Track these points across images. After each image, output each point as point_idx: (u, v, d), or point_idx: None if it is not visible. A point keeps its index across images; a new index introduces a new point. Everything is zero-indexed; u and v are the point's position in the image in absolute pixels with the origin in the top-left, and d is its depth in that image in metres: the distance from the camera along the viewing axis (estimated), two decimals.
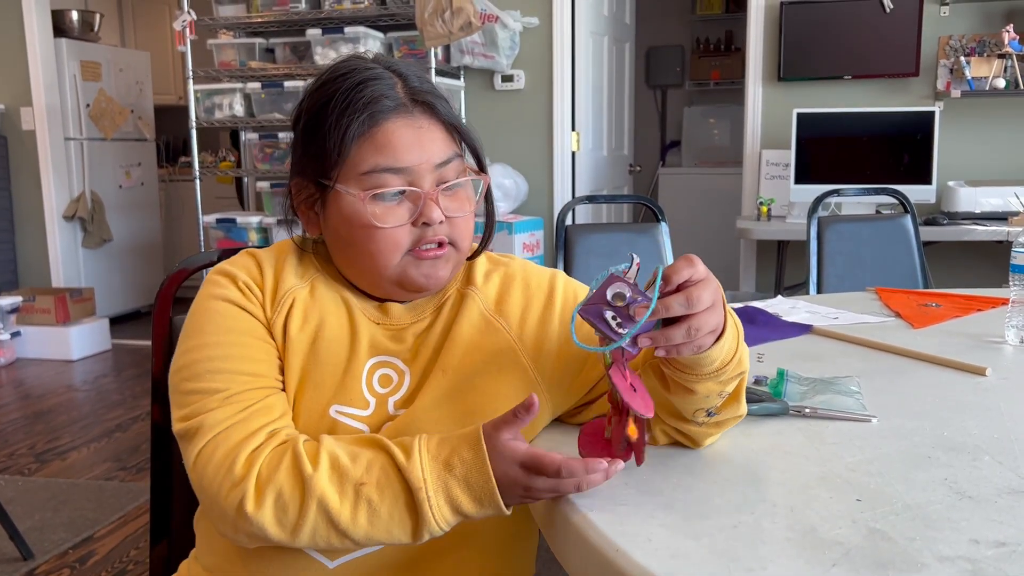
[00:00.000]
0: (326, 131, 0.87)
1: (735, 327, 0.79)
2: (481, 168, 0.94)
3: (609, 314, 0.71)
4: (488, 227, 0.98)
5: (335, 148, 0.86)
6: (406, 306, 0.94)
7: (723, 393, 0.81)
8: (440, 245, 0.89)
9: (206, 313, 0.88)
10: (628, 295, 0.71)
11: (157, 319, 1.21)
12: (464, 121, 0.93)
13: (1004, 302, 1.46)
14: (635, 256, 0.73)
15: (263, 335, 0.88)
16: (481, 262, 0.99)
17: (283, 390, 0.88)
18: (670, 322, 0.72)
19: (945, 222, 3.27)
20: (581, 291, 0.97)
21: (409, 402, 0.89)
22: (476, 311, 0.93)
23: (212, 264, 1.24)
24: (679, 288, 0.72)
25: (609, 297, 0.71)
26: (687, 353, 0.74)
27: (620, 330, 0.71)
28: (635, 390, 0.76)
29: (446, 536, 0.88)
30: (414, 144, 0.87)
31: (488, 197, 0.96)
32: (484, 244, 0.99)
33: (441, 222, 0.88)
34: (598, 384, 0.93)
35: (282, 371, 0.88)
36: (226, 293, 0.88)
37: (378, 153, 0.86)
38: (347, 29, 3.83)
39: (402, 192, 0.87)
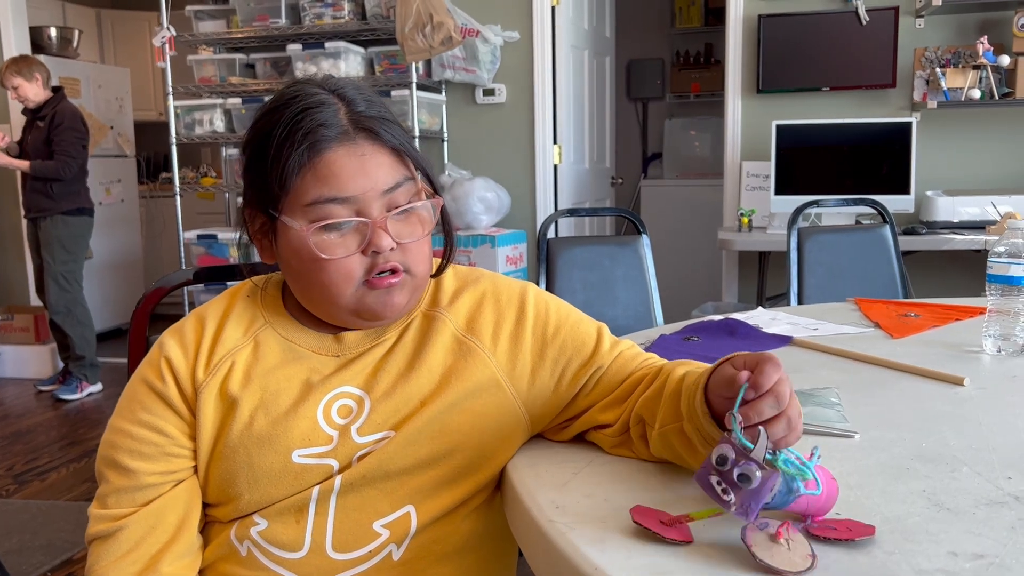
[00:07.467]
0: (269, 163, 0.85)
1: None
2: (434, 189, 0.92)
3: (714, 479, 0.67)
4: (447, 248, 0.97)
5: (277, 180, 0.84)
6: (365, 331, 0.92)
7: None
8: (394, 272, 0.87)
9: (130, 390, 0.91)
10: (731, 458, 0.66)
11: (133, 338, 1.21)
12: (414, 142, 0.91)
13: (982, 311, 1.47)
14: (736, 415, 0.68)
15: (169, 426, 0.88)
16: (448, 280, 0.97)
17: (193, 465, 0.89)
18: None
19: (924, 232, 3.30)
20: (552, 303, 0.97)
21: (374, 428, 0.87)
22: (447, 333, 0.92)
23: (189, 283, 1.25)
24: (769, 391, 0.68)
25: (713, 460, 0.67)
26: (793, 443, 0.70)
27: (725, 496, 0.66)
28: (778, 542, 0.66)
29: (426, 556, 0.88)
30: (358, 172, 0.84)
31: (444, 217, 0.94)
32: (444, 266, 0.97)
33: (392, 249, 0.86)
34: (576, 400, 0.93)
35: (193, 439, 0.88)
36: (148, 375, 0.90)
37: (321, 184, 0.84)
38: (327, 44, 3.83)
39: (349, 222, 0.85)
